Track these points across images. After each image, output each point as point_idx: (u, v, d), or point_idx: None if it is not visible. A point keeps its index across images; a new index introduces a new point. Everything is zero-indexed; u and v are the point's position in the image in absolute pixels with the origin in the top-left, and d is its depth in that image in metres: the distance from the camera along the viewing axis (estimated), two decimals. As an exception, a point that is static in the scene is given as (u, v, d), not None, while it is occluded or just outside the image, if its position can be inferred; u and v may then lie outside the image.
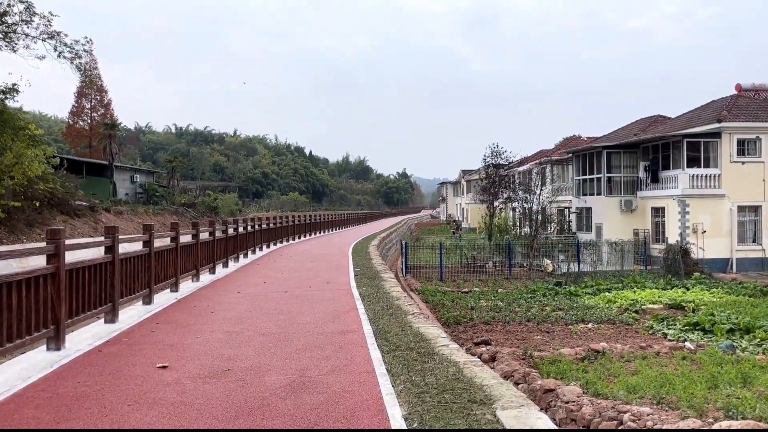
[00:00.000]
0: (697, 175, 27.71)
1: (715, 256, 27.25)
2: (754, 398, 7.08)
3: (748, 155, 28.04)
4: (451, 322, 14.67)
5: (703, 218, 27.38)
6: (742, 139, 28.03)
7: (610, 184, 31.60)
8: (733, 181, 27.72)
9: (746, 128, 28.01)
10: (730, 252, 27.58)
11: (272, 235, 26.80)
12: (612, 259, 27.96)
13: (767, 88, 34.17)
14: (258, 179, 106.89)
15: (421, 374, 5.97)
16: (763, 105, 30.90)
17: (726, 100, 31.48)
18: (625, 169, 31.71)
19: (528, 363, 9.95)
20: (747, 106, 30.13)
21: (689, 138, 28.15)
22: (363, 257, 20.93)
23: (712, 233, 27.37)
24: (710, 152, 28.13)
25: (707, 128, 28.39)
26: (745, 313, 15.38)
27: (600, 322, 14.85)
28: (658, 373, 8.66)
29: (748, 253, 27.66)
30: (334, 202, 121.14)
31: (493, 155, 37.55)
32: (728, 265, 27.39)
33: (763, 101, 32.04)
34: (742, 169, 27.83)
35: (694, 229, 27.26)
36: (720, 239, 27.50)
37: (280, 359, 6.70)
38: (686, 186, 27.53)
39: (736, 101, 30.65)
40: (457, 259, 29.09)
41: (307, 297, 11.59)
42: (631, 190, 31.33)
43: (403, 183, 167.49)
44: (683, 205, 27.55)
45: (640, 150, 31.61)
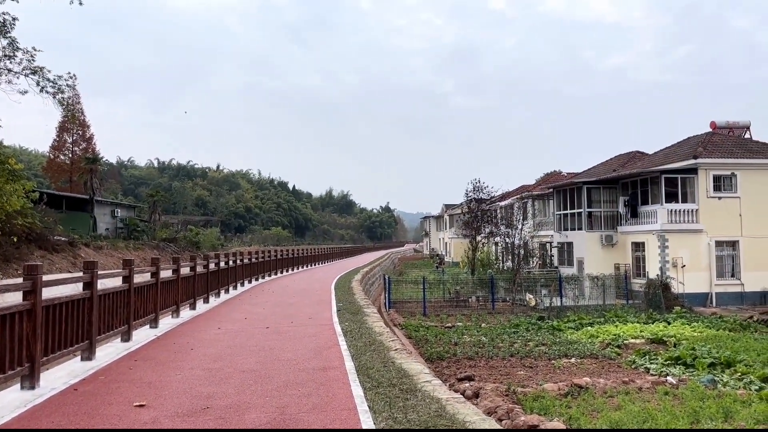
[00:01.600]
0: (675, 210, 28.16)
1: (695, 290, 27.50)
2: None
3: (724, 191, 28.59)
4: (434, 357, 14.58)
5: (682, 253, 27.72)
6: (717, 175, 28.60)
7: (591, 219, 31.96)
8: (710, 216, 28.19)
9: (721, 164, 28.62)
10: (709, 286, 27.87)
11: (254, 269, 26.60)
12: (594, 294, 28.09)
13: (741, 126, 35.09)
14: (241, 214, 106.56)
15: (404, 411, 5.92)
16: (737, 142, 31.68)
17: (701, 137, 32.23)
18: (605, 204, 32.13)
19: (511, 399, 9.90)
20: (722, 143, 30.85)
21: (667, 174, 28.67)
22: (346, 292, 20.81)
23: (692, 268, 27.68)
24: (687, 188, 28.65)
25: (684, 164, 28.97)
26: (726, 347, 15.50)
27: (583, 357, 14.85)
28: (640, 408, 8.66)
29: (727, 288, 27.97)
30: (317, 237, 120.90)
31: (475, 190, 37.89)
32: (708, 299, 27.64)
33: (737, 138, 32.87)
34: (719, 204, 28.35)
35: (674, 264, 27.57)
36: (699, 273, 27.81)
37: (261, 397, 6.60)
38: (665, 221, 27.93)
39: (711, 138, 31.39)
40: (441, 294, 29.05)
41: (289, 333, 11.48)
42: (612, 225, 31.70)
43: (386, 217, 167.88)
44: (662, 240, 27.90)
45: (619, 185, 32.10)
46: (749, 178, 28.58)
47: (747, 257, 28.16)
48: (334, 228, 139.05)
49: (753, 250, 28.11)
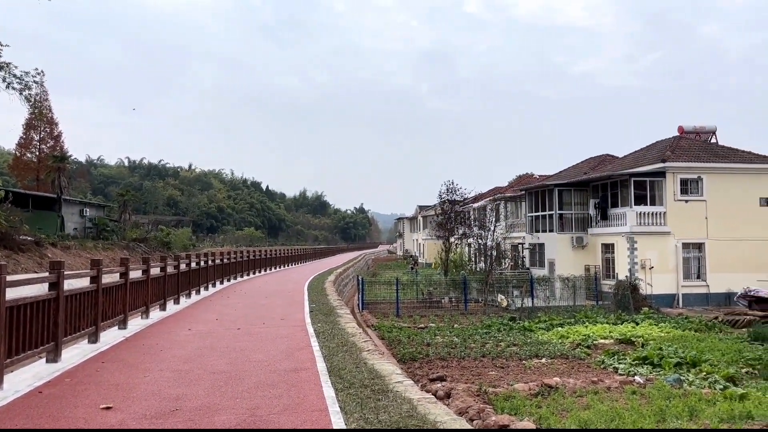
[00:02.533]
0: (643, 212, 28.67)
1: (663, 291, 28.04)
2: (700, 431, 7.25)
3: (691, 194, 29.21)
4: (406, 358, 14.60)
5: (650, 254, 28.25)
6: (685, 179, 29.22)
7: (562, 220, 32.36)
8: (677, 219, 28.78)
9: (688, 168, 29.25)
10: (676, 287, 28.44)
11: (226, 270, 26.35)
12: (564, 295, 28.43)
13: (707, 131, 35.89)
14: (213, 214, 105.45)
15: (375, 412, 5.92)
16: (703, 146, 32.41)
17: (669, 141, 32.89)
18: (576, 206, 32.58)
19: (483, 399, 9.97)
20: (689, 147, 31.52)
21: (636, 177, 29.19)
22: (319, 293, 20.74)
23: (659, 269, 28.23)
24: (656, 191, 29.20)
25: (652, 168, 29.52)
26: (692, 347, 15.83)
27: (553, 357, 15.02)
28: (609, 407, 8.78)
29: (693, 289, 28.58)
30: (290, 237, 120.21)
31: (448, 192, 38.03)
32: (675, 300, 28.21)
33: (703, 143, 33.63)
34: (686, 207, 28.95)
35: (642, 265, 28.07)
36: (667, 275, 28.37)
37: (231, 398, 6.54)
38: (634, 223, 28.42)
39: (678, 142, 32.05)
40: (414, 295, 29.10)
41: (260, 334, 11.39)
42: (582, 227, 32.14)
43: (360, 218, 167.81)
44: (631, 242, 28.39)
45: (590, 188, 32.57)
46: (715, 182, 29.25)
47: (712, 259, 28.81)
48: (308, 229, 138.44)
49: (718, 252, 28.77)
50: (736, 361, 14.42)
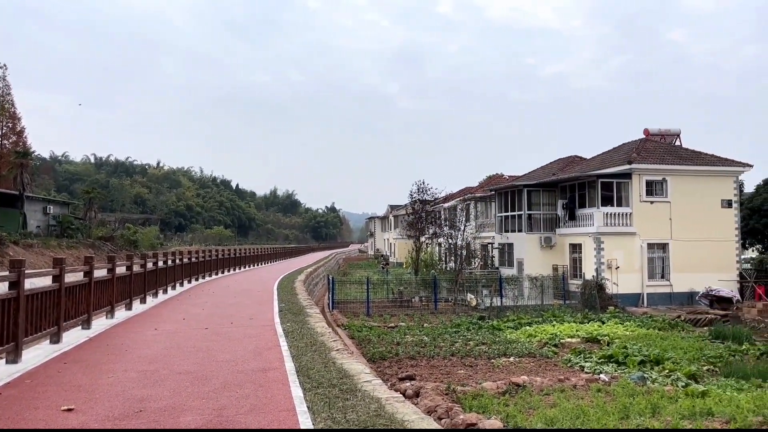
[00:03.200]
0: (610, 213, 29.17)
1: (628, 291, 28.58)
2: (661, 427, 7.40)
3: (656, 195, 29.83)
4: (376, 357, 14.62)
5: (616, 254, 28.76)
6: (650, 180, 29.82)
7: (531, 221, 32.73)
8: (643, 220, 29.36)
9: (654, 170, 29.86)
10: (641, 287, 29.01)
11: (195, 269, 26.01)
12: (533, 294, 28.77)
13: (672, 133, 36.65)
14: (181, 212, 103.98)
15: (343, 411, 5.90)
16: (668, 149, 33.10)
17: (636, 143, 33.52)
18: (545, 206, 32.98)
19: (451, 398, 10.03)
20: (654, 150, 32.17)
21: (603, 178, 29.68)
22: (288, 292, 20.61)
23: (625, 269, 28.75)
24: (622, 192, 29.74)
25: (619, 169, 30.06)
26: (655, 345, 16.16)
27: (521, 356, 15.19)
28: (574, 405, 8.91)
29: (657, 288, 29.19)
30: (260, 236, 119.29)
31: (419, 191, 38.17)
32: (640, 299, 28.77)
33: (668, 145, 34.34)
34: (651, 208, 29.55)
35: (609, 265, 28.56)
36: (632, 275, 28.92)
37: (197, 399, 6.45)
38: (601, 224, 28.90)
39: (644, 144, 32.68)
40: (384, 294, 29.13)
41: (228, 334, 11.27)
42: (551, 227, 32.56)
43: (331, 217, 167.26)
44: (598, 242, 28.87)
45: (558, 189, 33.01)
46: (679, 184, 29.91)
47: (676, 259, 29.46)
48: (279, 228, 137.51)
49: (681, 252, 29.42)
50: (697, 359, 14.78)
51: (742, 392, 10.85)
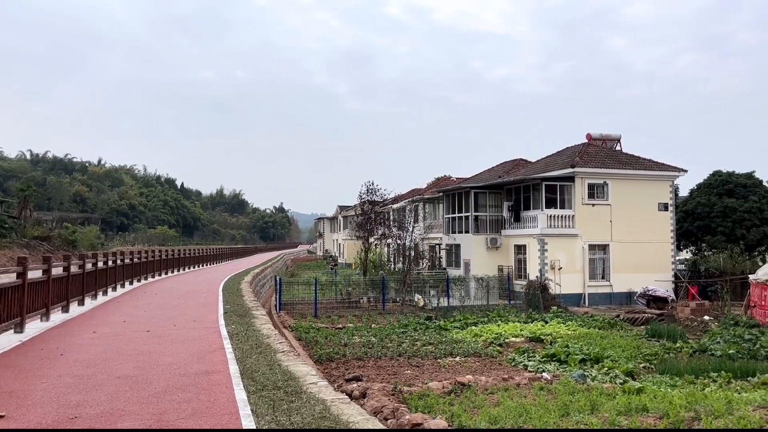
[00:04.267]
0: (554, 215, 29.93)
1: (571, 291, 29.37)
2: (599, 423, 7.63)
3: (597, 198, 30.77)
4: (323, 359, 14.56)
5: (559, 256, 29.52)
6: (592, 184, 30.74)
7: (478, 222, 33.24)
8: (585, 222, 30.24)
9: (595, 174, 30.80)
10: (583, 287, 29.86)
11: (137, 270, 25.29)
12: (479, 294, 29.22)
13: (613, 138, 37.89)
14: (124, 211, 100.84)
15: (287, 414, 5.85)
16: (609, 153, 34.19)
17: (578, 147, 34.49)
18: (491, 208, 33.56)
19: (398, 398, 10.07)
20: (596, 154, 33.18)
21: (547, 181, 30.42)
22: (234, 294, 20.28)
23: (568, 270, 29.55)
24: (565, 195, 30.56)
25: (562, 173, 30.86)
26: (596, 344, 16.66)
27: (467, 356, 15.40)
28: (517, 403, 9.08)
29: (598, 288, 30.11)
30: (206, 237, 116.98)
31: (368, 192, 38.25)
32: (581, 299, 29.61)
33: (609, 150, 35.47)
34: (593, 210, 30.47)
35: (552, 266, 29.28)
36: (574, 275, 29.74)
37: (137, 404, 6.27)
38: (545, 225, 29.60)
39: (586, 149, 33.66)
40: (333, 295, 29.05)
41: (171, 336, 11.00)
42: (497, 229, 33.14)
43: (279, 218, 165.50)
44: (542, 243, 29.56)
45: (504, 191, 33.64)
46: (618, 187, 30.94)
47: (616, 260, 30.46)
48: (225, 228, 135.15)
49: (621, 253, 30.45)
50: (635, 356, 15.30)
51: (676, 388, 11.30)
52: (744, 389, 11.27)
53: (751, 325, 21.09)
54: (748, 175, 37.52)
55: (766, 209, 35.36)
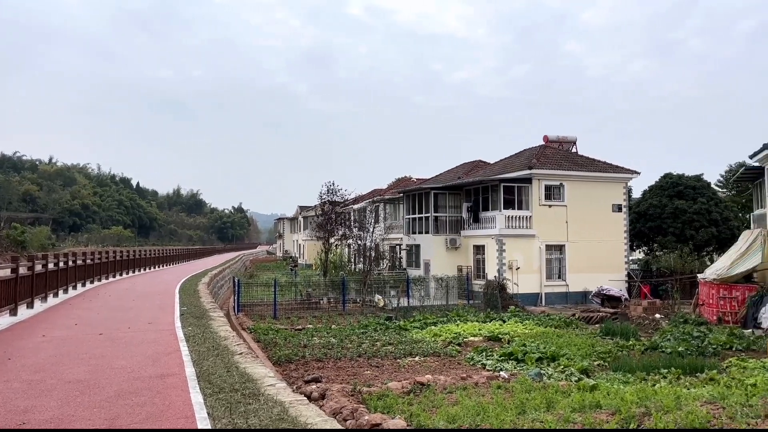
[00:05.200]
0: (512, 216, 30.38)
1: (528, 290, 29.86)
2: (555, 420, 7.78)
3: (554, 199, 31.37)
4: (282, 360, 14.45)
5: (517, 256, 29.97)
6: (548, 185, 31.32)
7: (437, 223, 33.50)
8: (542, 223, 30.78)
9: (552, 175, 31.39)
10: (539, 287, 30.40)
11: (90, 271, 24.62)
12: (438, 294, 29.44)
13: (569, 140, 38.66)
14: (76, 211, 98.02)
15: (244, 416, 5.78)
16: (565, 155, 34.89)
17: (536, 149, 35.09)
18: (451, 209, 33.86)
19: (357, 399, 10.06)
20: (553, 156, 33.82)
21: (505, 182, 30.86)
22: (191, 295, 19.94)
23: (525, 269, 30.03)
24: (523, 196, 31.05)
25: (520, 174, 31.36)
26: (552, 343, 16.96)
27: (426, 355, 15.50)
28: (475, 402, 9.19)
29: (555, 288, 30.70)
30: (163, 237, 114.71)
31: (329, 192, 38.10)
32: (538, 298, 30.14)
33: (565, 152, 36.19)
34: (549, 211, 31.05)
35: (510, 266, 29.72)
36: (532, 275, 30.25)
37: (88, 409, 6.11)
38: (503, 226, 30.02)
39: (544, 151, 34.27)
40: (292, 296, 28.84)
41: (125, 339, 10.75)
42: (456, 229, 33.45)
43: (238, 218, 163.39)
44: (500, 244, 29.97)
45: (463, 192, 33.98)
46: (574, 189, 31.61)
47: (571, 260, 31.11)
48: (182, 228, 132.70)
49: (576, 254, 31.11)
50: (589, 354, 15.64)
51: (628, 385, 11.60)
52: (693, 385, 11.64)
53: (700, 323, 21.82)
54: (697, 178, 38.86)
55: (713, 211, 36.67)
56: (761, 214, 25.32)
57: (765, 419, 7.50)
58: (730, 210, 39.11)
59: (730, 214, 38.18)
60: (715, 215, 36.48)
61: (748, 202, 38.34)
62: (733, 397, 8.93)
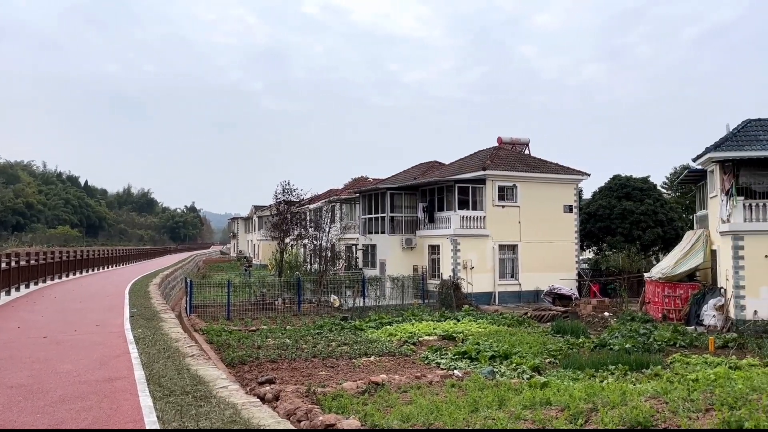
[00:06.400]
0: (466, 216, 30.74)
1: (482, 290, 30.26)
2: (506, 418, 7.92)
3: (507, 200, 31.87)
4: (236, 362, 14.26)
5: (471, 255, 30.34)
6: (502, 186, 31.81)
7: (393, 223, 33.62)
8: (495, 223, 31.24)
9: (505, 176, 31.89)
10: (493, 286, 30.85)
11: (35, 272, 23.78)
12: (394, 294, 29.55)
13: (522, 142, 39.33)
14: (20, 210, 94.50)
15: (195, 419, 5.69)
16: (518, 157, 35.49)
17: (490, 150, 35.59)
18: (407, 209, 34.03)
19: (311, 399, 10.02)
20: (506, 157, 34.36)
21: (460, 183, 31.20)
22: (142, 296, 19.49)
23: (479, 269, 30.43)
24: (477, 196, 31.46)
25: (474, 175, 31.74)
26: (505, 341, 17.25)
27: (381, 355, 15.54)
28: (429, 401, 9.27)
29: (507, 287, 31.20)
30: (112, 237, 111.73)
31: (284, 192, 37.71)
32: (492, 297, 30.58)
33: (518, 153, 36.82)
34: (502, 212, 31.54)
35: (464, 266, 30.06)
36: (485, 274, 30.67)
37: (30, 414, 5.91)
38: (458, 226, 30.35)
39: (497, 152, 34.79)
40: (246, 297, 28.47)
41: (71, 342, 10.43)
42: (412, 229, 33.64)
43: (191, 217, 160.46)
44: (455, 244, 30.29)
45: (419, 192, 34.20)
46: (527, 190, 32.19)
47: (524, 260, 31.67)
48: (133, 228, 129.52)
49: (529, 253, 31.70)
50: (541, 352, 15.98)
51: (578, 382, 11.90)
52: (638, 381, 12.02)
53: (646, 320, 22.56)
54: (644, 180, 40.14)
55: (659, 212, 37.94)
56: (704, 215, 26.33)
57: (706, 413, 7.80)
58: (675, 211, 40.54)
59: (675, 215, 39.57)
60: (661, 216, 37.75)
61: (691, 203, 39.80)
62: (676, 392, 9.25)
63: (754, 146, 22.26)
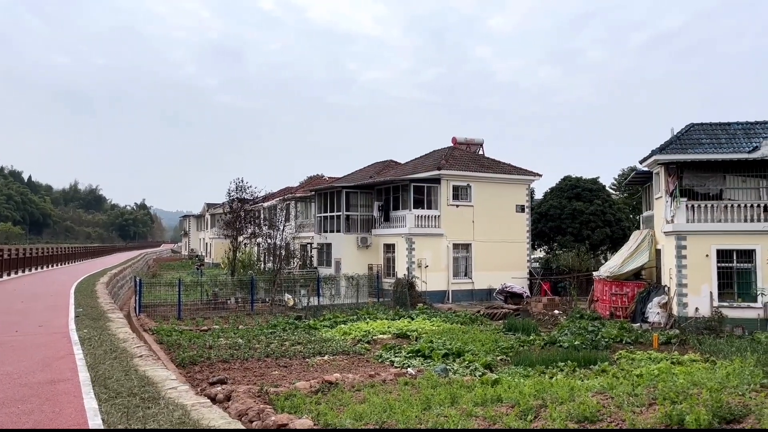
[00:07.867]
0: (421, 215, 30.95)
1: (436, 288, 30.53)
2: (458, 415, 8.01)
3: (461, 200, 32.24)
4: (186, 362, 13.98)
5: (426, 254, 30.58)
6: (456, 186, 32.16)
7: (349, 221, 33.58)
8: (450, 222, 31.57)
9: (460, 176, 32.25)
10: (447, 284, 31.16)
11: (-28, 271, 22.79)
12: (349, 293, 29.51)
13: (476, 142, 39.86)
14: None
15: (143, 421, 5.56)
16: (472, 157, 35.94)
17: (445, 150, 35.93)
18: (362, 208, 34.04)
19: (264, 399, 9.92)
20: (461, 157, 34.75)
21: (415, 182, 31.40)
22: (88, 296, 18.92)
23: (434, 268, 30.69)
24: (432, 196, 31.72)
25: (429, 174, 32.00)
26: (458, 339, 17.43)
27: (335, 354, 15.51)
28: (383, 399, 9.29)
29: (461, 286, 31.56)
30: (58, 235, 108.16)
31: (238, 190, 37.19)
32: (446, 296, 30.88)
33: (473, 154, 37.29)
34: (457, 211, 31.89)
35: (419, 264, 30.27)
36: (440, 273, 30.95)
37: (-33, 420, 5.66)
38: (412, 225, 30.54)
39: (452, 152, 35.15)
40: (198, 296, 27.99)
41: (11, 343, 10.04)
42: (367, 228, 33.68)
43: (141, 215, 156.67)
44: (410, 243, 30.46)
45: (375, 191, 34.25)
46: (481, 190, 32.64)
47: (477, 259, 32.10)
48: (80, 225, 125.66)
49: (482, 252, 32.14)
50: (493, 350, 16.21)
51: (528, 378, 12.13)
52: (586, 377, 12.34)
53: (594, 318, 23.14)
54: (594, 181, 41.21)
55: (608, 212, 39.04)
56: (649, 215, 27.21)
57: (649, 407, 8.07)
58: (623, 211, 41.79)
59: (623, 215, 40.79)
60: (609, 216, 38.83)
61: (638, 204, 41.07)
62: (621, 387, 9.54)
63: (697, 149, 23.14)
